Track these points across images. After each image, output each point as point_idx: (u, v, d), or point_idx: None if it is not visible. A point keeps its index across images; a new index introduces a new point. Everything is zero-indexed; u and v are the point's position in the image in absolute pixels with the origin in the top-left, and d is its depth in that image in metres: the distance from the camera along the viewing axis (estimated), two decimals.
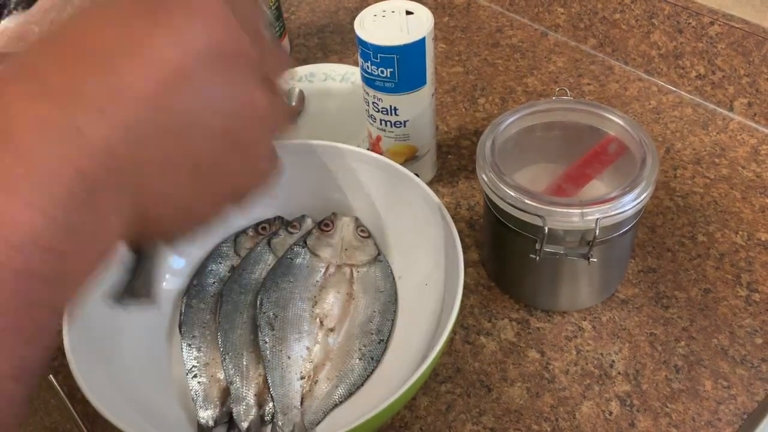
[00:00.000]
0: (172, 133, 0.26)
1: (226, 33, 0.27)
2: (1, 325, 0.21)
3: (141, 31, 0.25)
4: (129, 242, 0.28)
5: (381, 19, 0.60)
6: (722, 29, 0.69)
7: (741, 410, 0.51)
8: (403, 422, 0.52)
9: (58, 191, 0.23)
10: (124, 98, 0.24)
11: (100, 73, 0.24)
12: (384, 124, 0.64)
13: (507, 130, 0.55)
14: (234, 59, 0.27)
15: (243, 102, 0.28)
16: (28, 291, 0.22)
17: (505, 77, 0.81)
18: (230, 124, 0.28)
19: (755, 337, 0.55)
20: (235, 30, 0.27)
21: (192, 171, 0.28)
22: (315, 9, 0.97)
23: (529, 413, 0.52)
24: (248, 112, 0.29)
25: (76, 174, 0.23)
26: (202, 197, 0.29)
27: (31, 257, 0.22)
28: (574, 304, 0.58)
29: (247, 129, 0.29)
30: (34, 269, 0.22)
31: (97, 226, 0.24)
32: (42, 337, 0.23)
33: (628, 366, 0.54)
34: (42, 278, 0.22)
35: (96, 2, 0.27)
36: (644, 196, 0.49)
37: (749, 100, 0.71)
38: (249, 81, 0.28)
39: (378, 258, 0.58)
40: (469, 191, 0.69)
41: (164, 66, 0.25)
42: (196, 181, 0.28)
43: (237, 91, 0.28)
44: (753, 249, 0.61)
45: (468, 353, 0.56)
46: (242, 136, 0.29)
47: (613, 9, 0.78)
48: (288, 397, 0.50)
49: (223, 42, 0.27)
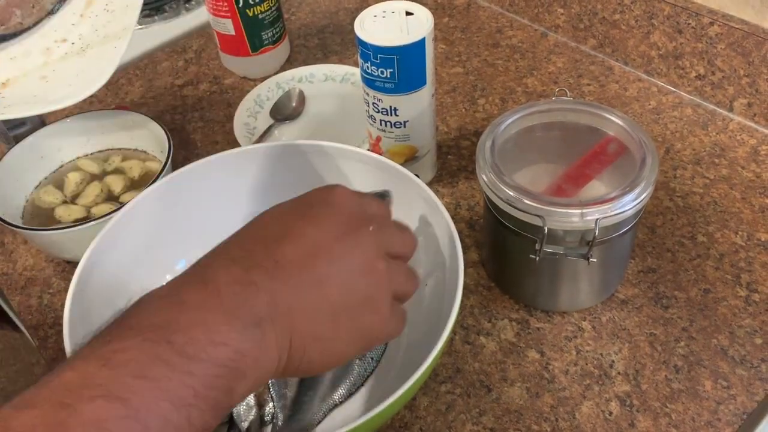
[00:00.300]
0: (315, 287, 0.37)
1: (356, 215, 0.40)
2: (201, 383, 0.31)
3: (294, 223, 0.39)
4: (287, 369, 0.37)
5: (381, 19, 0.60)
6: (722, 30, 0.69)
7: (741, 410, 0.51)
8: (403, 422, 0.52)
9: (238, 316, 0.33)
10: (281, 264, 0.36)
11: (267, 251, 0.37)
12: (384, 125, 0.64)
13: (507, 131, 0.55)
14: (359, 236, 0.39)
15: (364, 264, 0.39)
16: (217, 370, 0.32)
17: (504, 78, 0.81)
18: (354, 281, 0.38)
19: (755, 337, 0.55)
20: (362, 215, 0.40)
21: (331, 315, 0.37)
22: (315, 10, 0.97)
23: (529, 413, 0.52)
24: (368, 272, 0.39)
25: (250, 308, 0.34)
26: (341, 338, 0.38)
27: (221, 351, 0.32)
28: (573, 304, 0.58)
29: (368, 286, 0.39)
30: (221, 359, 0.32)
31: (263, 343, 0.34)
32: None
33: (628, 366, 0.54)
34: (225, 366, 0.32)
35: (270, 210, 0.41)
36: (644, 197, 0.49)
37: (749, 101, 0.71)
38: (371, 250, 0.39)
39: None
40: (468, 191, 0.69)
41: (307, 243, 0.38)
42: (335, 323, 0.38)
43: (360, 257, 0.39)
44: (753, 249, 0.61)
45: (468, 353, 0.56)
46: (364, 291, 0.39)
47: (613, 9, 0.78)
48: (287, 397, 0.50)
49: (351, 224, 0.39)
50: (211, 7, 0.80)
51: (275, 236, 0.38)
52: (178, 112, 0.82)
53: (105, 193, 0.68)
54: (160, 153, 0.70)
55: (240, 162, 0.60)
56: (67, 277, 0.65)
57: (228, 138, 0.77)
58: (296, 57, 0.88)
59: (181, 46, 0.92)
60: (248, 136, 0.75)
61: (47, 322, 0.61)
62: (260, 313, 0.34)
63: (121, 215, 0.55)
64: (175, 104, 0.83)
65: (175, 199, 0.58)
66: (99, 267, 0.52)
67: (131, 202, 0.56)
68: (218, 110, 0.82)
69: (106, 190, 0.69)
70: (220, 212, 0.61)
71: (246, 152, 0.60)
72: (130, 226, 0.55)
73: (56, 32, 0.70)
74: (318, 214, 0.39)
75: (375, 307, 0.39)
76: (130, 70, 0.89)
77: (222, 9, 0.79)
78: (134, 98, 0.85)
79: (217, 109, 0.82)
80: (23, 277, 0.66)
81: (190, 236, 0.60)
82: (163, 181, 0.58)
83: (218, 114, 0.81)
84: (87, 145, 0.72)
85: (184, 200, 0.59)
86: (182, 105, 0.83)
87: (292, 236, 0.38)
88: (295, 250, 0.37)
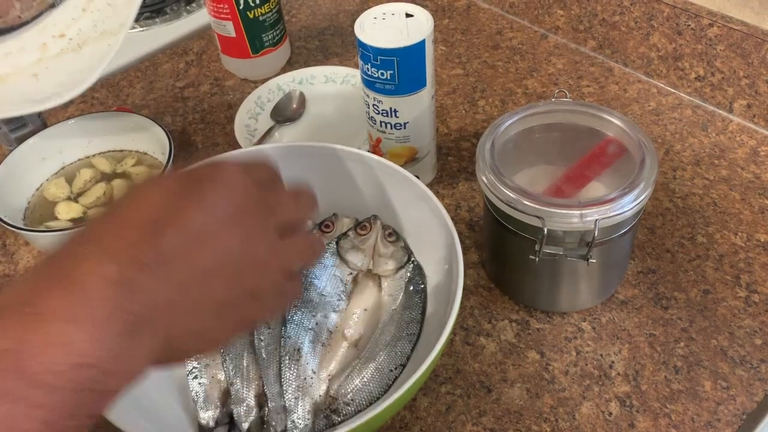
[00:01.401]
0: (199, 283, 0.33)
1: (243, 197, 0.36)
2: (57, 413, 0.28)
3: (178, 205, 0.34)
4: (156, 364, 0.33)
5: (381, 21, 0.60)
6: (721, 31, 0.70)
7: (740, 411, 0.51)
8: (404, 423, 0.52)
9: (110, 327, 0.29)
10: (165, 257, 0.32)
11: (148, 239, 0.32)
12: (384, 126, 0.64)
13: (507, 132, 0.55)
14: (248, 218, 0.36)
15: (252, 253, 0.36)
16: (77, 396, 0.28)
17: (504, 79, 0.82)
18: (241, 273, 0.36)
19: (754, 337, 0.55)
20: (252, 194, 0.36)
21: (215, 311, 0.35)
22: (315, 12, 0.97)
23: (529, 414, 0.52)
24: (256, 263, 0.36)
25: (126, 314, 0.30)
26: (221, 328, 0.36)
27: (84, 373, 0.28)
28: (573, 305, 0.58)
29: (255, 277, 0.36)
30: (84, 382, 0.28)
31: (136, 352, 0.30)
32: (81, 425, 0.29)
33: (628, 367, 0.54)
34: (89, 390, 0.28)
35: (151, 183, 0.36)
36: (643, 198, 0.49)
37: (748, 102, 0.71)
38: (260, 236, 0.36)
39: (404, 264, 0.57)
40: (468, 193, 0.69)
41: (193, 230, 0.33)
42: (218, 318, 0.35)
43: (249, 246, 0.36)
44: (752, 250, 0.61)
45: (468, 354, 0.56)
46: (251, 282, 0.36)
47: (613, 11, 0.78)
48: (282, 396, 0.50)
49: (240, 205, 0.36)
50: (212, 10, 0.80)
51: (158, 220, 0.33)
52: (179, 113, 0.82)
53: (107, 197, 0.68)
54: (161, 155, 0.70)
55: None
56: None
57: (229, 140, 0.77)
58: (297, 59, 0.88)
59: (182, 48, 0.92)
60: (249, 138, 0.75)
61: None
62: (136, 318, 0.30)
63: None
64: (176, 106, 0.83)
65: None
66: None
67: None
68: (219, 112, 0.82)
69: (109, 193, 0.69)
70: None
71: (246, 154, 0.60)
72: None
73: (55, 26, 0.68)
74: (205, 196, 0.35)
75: (261, 297, 0.37)
76: (131, 72, 0.89)
77: (223, 11, 0.79)
78: (135, 100, 0.85)
79: (217, 110, 0.82)
80: None
81: None
82: None
83: (219, 116, 0.81)
84: (88, 147, 0.73)
85: None
86: (183, 107, 0.83)
87: (177, 222, 0.33)
88: (180, 240, 0.33)
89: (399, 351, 0.52)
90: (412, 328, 0.53)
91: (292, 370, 0.51)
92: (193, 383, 0.52)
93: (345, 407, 0.50)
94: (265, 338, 0.52)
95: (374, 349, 0.52)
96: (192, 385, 0.52)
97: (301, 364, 0.51)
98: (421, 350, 0.52)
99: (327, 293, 0.55)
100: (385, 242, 0.57)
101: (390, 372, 0.51)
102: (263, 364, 0.51)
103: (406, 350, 0.52)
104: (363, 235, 0.58)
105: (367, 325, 0.54)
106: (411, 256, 0.57)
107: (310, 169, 0.60)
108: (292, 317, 0.53)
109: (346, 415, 0.49)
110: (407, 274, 0.56)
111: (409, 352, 0.52)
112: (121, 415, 0.43)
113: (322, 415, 0.49)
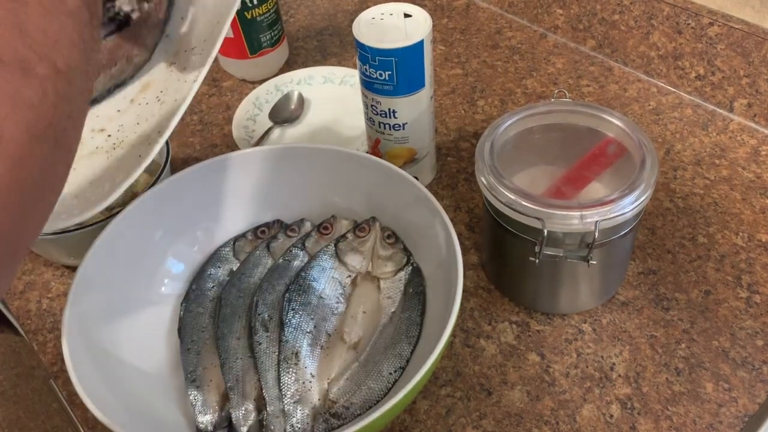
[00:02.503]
0: None
1: None
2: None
3: None
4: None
5: (379, 21, 0.60)
6: (722, 30, 0.69)
7: (742, 413, 0.50)
8: (404, 426, 0.52)
9: None
10: None
11: None
12: (383, 127, 0.64)
13: (506, 132, 0.55)
14: None
15: None
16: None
17: (504, 79, 0.81)
18: None
19: (756, 339, 0.55)
20: None
21: None
22: (314, 12, 0.97)
23: (530, 416, 0.52)
24: None
25: None
26: None
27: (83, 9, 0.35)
28: (574, 306, 0.58)
29: None
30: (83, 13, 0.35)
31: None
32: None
33: (629, 368, 0.54)
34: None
35: None
36: (644, 198, 0.49)
37: (749, 101, 0.71)
38: None
39: (404, 266, 0.57)
40: (468, 194, 0.68)
41: None
42: None
43: None
44: (753, 250, 0.61)
45: (468, 356, 0.56)
46: None
47: (612, 10, 0.78)
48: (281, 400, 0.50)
49: None
50: None
51: None
52: None
53: None
54: (158, 156, 0.70)
55: (239, 165, 0.60)
56: (66, 281, 0.65)
57: (227, 141, 0.77)
58: (295, 59, 0.88)
59: None
60: (247, 139, 0.75)
61: (46, 326, 0.61)
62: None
63: (119, 219, 0.54)
64: None
65: (173, 203, 0.58)
66: (98, 271, 0.52)
67: (129, 206, 0.55)
68: (217, 113, 0.82)
69: None
70: (220, 216, 0.61)
71: (245, 155, 0.60)
72: (128, 230, 0.55)
73: (97, 118, 0.56)
74: None
75: None
76: None
77: None
78: None
79: (215, 111, 0.82)
80: (22, 281, 0.66)
81: (189, 240, 0.60)
82: (162, 184, 0.58)
83: (217, 117, 0.81)
84: None
85: (182, 204, 0.59)
86: None
87: None
88: None
89: (398, 353, 0.52)
90: (411, 330, 0.53)
91: (291, 374, 0.50)
92: (191, 387, 0.51)
93: (344, 411, 0.49)
94: (264, 342, 0.52)
95: (373, 351, 0.52)
96: (190, 389, 0.51)
97: (300, 367, 0.51)
98: (421, 352, 0.51)
99: (326, 296, 0.55)
100: (384, 244, 0.57)
101: (389, 375, 0.51)
102: (262, 367, 0.51)
103: (405, 353, 0.52)
104: (362, 237, 0.57)
105: (366, 328, 0.54)
106: (410, 257, 0.57)
107: (308, 171, 0.60)
108: (291, 320, 0.53)
109: (345, 419, 0.49)
110: (406, 276, 0.56)
111: (408, 355, 0.52)
112: (119, 420, 0.43)
113: (321, 419, 0.49)
